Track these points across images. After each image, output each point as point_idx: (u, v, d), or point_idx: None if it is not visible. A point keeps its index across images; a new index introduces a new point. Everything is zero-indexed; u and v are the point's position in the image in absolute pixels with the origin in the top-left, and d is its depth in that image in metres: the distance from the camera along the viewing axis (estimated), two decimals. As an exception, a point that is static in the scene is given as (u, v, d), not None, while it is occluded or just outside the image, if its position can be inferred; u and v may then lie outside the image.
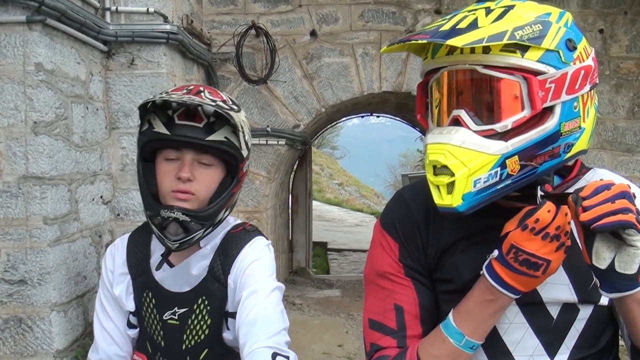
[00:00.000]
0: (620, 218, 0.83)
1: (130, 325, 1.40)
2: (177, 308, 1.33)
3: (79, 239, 3.46)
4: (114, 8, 3.91)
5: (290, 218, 8.49)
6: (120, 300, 1.38)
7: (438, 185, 0.95)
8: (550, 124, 0.93)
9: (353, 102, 5.94)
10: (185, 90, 1.30)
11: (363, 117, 8.64)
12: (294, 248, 8.33)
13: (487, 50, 0.92)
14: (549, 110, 0.93)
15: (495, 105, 0.94)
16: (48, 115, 3.10)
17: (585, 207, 0.86)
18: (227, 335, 1.33)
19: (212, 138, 1.27)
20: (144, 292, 1.36)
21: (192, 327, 1.32)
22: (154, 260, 1.37)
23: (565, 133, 0.95)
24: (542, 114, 0.93)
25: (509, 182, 0.93)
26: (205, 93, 1.29)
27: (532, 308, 1.03)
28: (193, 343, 1.32)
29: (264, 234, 1.41)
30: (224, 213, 1.34)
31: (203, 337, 1.32)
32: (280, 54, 5.55)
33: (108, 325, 1.39)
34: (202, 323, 1.31)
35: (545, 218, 0.91)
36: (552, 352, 1.04)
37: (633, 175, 5.43)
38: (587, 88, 0.96)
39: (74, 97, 3.43)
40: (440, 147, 0.94)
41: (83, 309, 3.46)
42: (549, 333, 1.03)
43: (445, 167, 0.92)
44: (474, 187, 0.92)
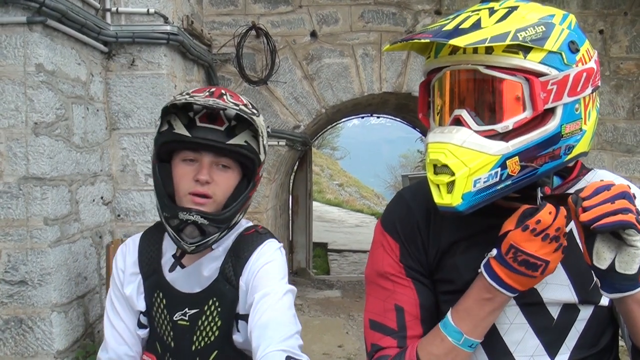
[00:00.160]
0: (620, 218, 0.84)
1: (141, 325, 1.39)
2: (187, 309, 1.32)
3: (80, 240, 3.46)
4: (115, 9, 3.91)
5: (291, 219, 8.49)
6: (131, 300, 1.38)
7: (438, 185, 0.95)
8: (552, 126, 0.93)
9: (353, 102, 5.94)
10: (208, 93, 1.28)
11: (363, 117, 8.65)
12: (294, 249, 8.34)
13: (489, 51, 0.92)
14: (551, 112, 0.93)
15: (497, 106, 0.94)
16: (49, 116, 3.10)
17: (585, 207, 0.86)
18: (237, 338, 1.32)
19: (232, 142, 1.27)
20: (155, 292, 1.35)
21: (202, 328, 1.31)
22: (165, 261, 1.37)
23: (566, 135, 0.95)
24: (543, 116, 0.93)
25: (509, 182, 0.94)
26: (227, 96, 1.29)
27: (532, 308, 1.03)
28: (203, 344, 1.31)
29: (276, 237, 1.41)
30: (239, 216, 1.34)
31: (213, 338, 1.31)
32: (281, 55, 5.55)
33: (118, 325, 1.38)
34: (212, 324, 1.31)
35: (547, 220, 0.91)
36: (552, 352, 1.03)
37: (633, 176, 5.44)
38: (589, 90, 0.96)
39: (75, 98, 3.43)
40: (441, 146, 0.94)
41: (83, 310, 3.46)
42: (550, 333, 1.03)
43: (446, 166, 0.92)
44: (474, 186, 0.92)
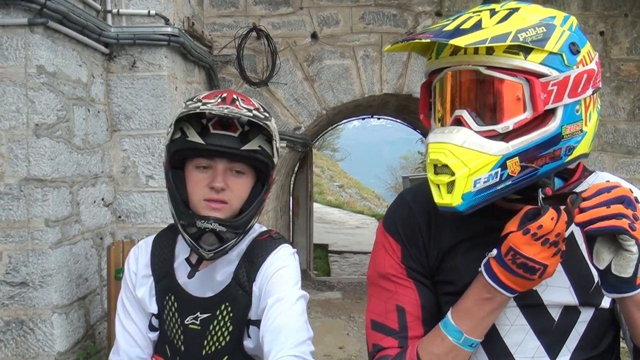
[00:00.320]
0: (612, 223, 0.84)
1: (152, 328, 1.38)
2: (199, 313, 1.31)
3: (81, 241, 3.46)
4: (116, 10, 3.92)
5: (291, 220, 8.50)
6: (144, 302, 1.37)
7: (438, 184, 0.95)
8: (552, 127, 0.93)
9: (354, 104, 5.95)
10: (220, 99, 1.27)
11: (364, 119, 8.65)
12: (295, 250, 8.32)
13: (490, 52, 0.92)
14: (551, 113, 0.93)
15: (497, 106, 0.94)
16: (50, 118, 3.11)
17: (582, 208, 0.87)
18: (247, 343, 1.31)
19: (247, 147, 1.26)
20: (167, 295, 1.34)
21: (213, 332, 1.30)
22: (178, 264, 1.36)
23: (567, 136, 0.95)
24: (544, 116, 0.93)
25: (509, 183, 0.94)
26: (240, 101, 1.28)
27: (533, 310, 1.03)
28: (213, 349, 1.30)
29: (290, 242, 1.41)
30: (255, 220, 1.34)
31: (224, 343, 1.30)
32: (281, 56, 5.56)
33: (130, 327, 1.37)
34: (223, 329, 1.30)
35: (549, 225, 0.90)
36: (553, 354, 1.03)
37: (634, 178, 5.44)
38: (589, 92, 0.96)
39: (76, 99, 3.43)
40: (442, 146, 0.94)
41: (84, 311, 3.46)
42: (550, 335, 1.03)
43: (446, 166, 0.93)
44: (474, 186, 0.92)
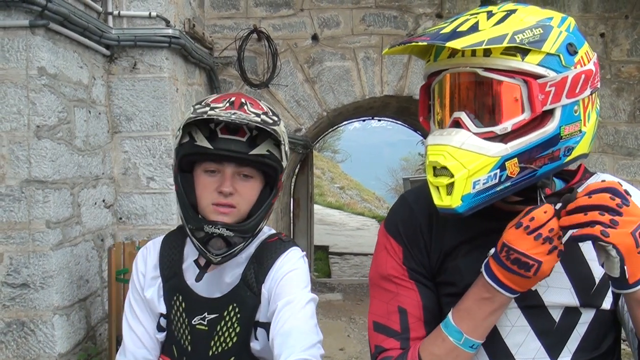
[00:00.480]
0: (586, 231, 0.86)
1: (160, 329, 1.38)
2: (206, 313, 1.31)
3: (81, 243, 3.46)
4: (117, 12, 3.93)
5: (292, 222, 8.49)
6: (152, 303, 1.37)
7: (438, 186, 0.95)
8: (550, 127, 0.93)
9: (354, 105, 5.95)
10: (228, 104, 1.27)
11: (364, 120, 8.65)
12: (296, 252, 8.30)
13: (488, 54, 0.93)
14: (549, 114, 0.94)
15: (496, 108, 0.94)
16: (51, 119, 3.11)
17: (567, 211, 0.89)
18: (254, 345, 1.31)
19: (255, 152, 1.27)
20: (174, 295, 1.34)
21: (220, 333, 1.30)
22: (187, 266, 1.36)
23: (566, 136, 0.95)
24: (542, 117, 0.94)
25: (509, 184, 0.94)
26: (248, 106, 1.28)
27: (534, 311, 1.04)
28: (220, 350, 1.30)
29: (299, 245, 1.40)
30: (263, 224, 1.34)
31: (231, 344, 1.30)
32: (282, 58, 5.57)
33: (137, 329, 1.37)
34: (230, 330, 1.30)
35: (540, 218, 0.91)
36: (554, 355, 1.03)
37: (634, 179, 5.44)
38: (587, 92, 0.97)
39: (77, 101, 3.44)
40: (440, 148, 0.95)
41: (85, 313, 3.47)
42: (551, 336, 1.03)
43: (445, 168, 0.93)
44: (473, 188, 0.92)
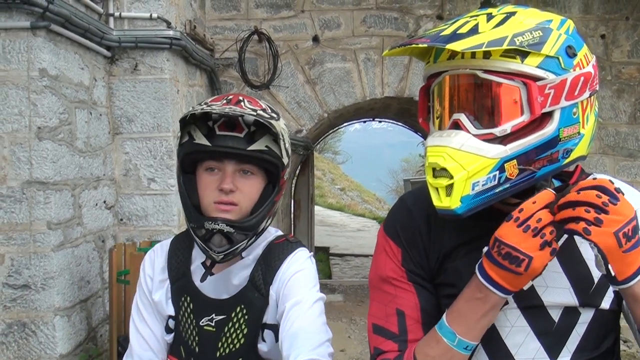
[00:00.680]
0: (570, 227, 0.88)
1: (168, 330, 1.38)
2: (214, 315, 1.31)
3: (83, 244, 3.47)
4: (118, 14, 3.94)
5: (293, 223, 8.49)
6: (160, 306, 1.37)
7: (437, 188, 0.96)
8: (549, 129, 0.94)
9: (355, 107, 5.96)
10: (225, 101, 1.29)
11: (365, 122, 8.65)
12: (296, 253, 8.29)
13: (487, 56, 0.93)
14: (548, 116, 0.94)
15: (495, 110, 0.95)
16: (52, 121, 3.12)
17: (558, 205, 0.90)
18: (262, 347, 1.31)
19: (253, 147, 1.27)
20: (182, 296, 1.35)
21: (228, 335, 1.30)
22: (195, 268, 1.36)
23: (564, 139, 0.96)
24: (541, 119, 0.94)
25: (508, 185, 0.94)
26: (245, 102, 1.29)
27: (533, 311, 1.04)
28: (227, 351, 1.31)
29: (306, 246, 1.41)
30: (267, 222, 1.34)
31: (238, 345, 1.30)
32: (283, 60, 5.57)
33: (144, 331, 1.38)
34: (238, 332, 1.30)
35: (529, 208, 0.91)
36: (553, 355, 1.04)
37: (635, 180, 5.43)
38: (586, 94, 0.97)
39: (78, 102, 3.45)
40: (440, 149, 0.95)
41: (86, 314, 3.47)
42: (551, 336, 1.04)
43: (444, 169, 0.93)
44: (472, 189, 0.93)
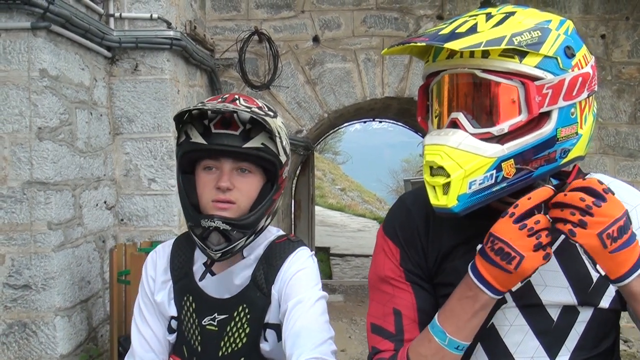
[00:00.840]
0: (559, 227, 0.89)
1: (171, 331, 1.39)
2: (216, 314, 1.32)
3: (83, 244, 3.47)
4: (118, 14, 3.94)
5: (293, 223, 8.49)
6: (163, 306, 1.38)
7: (434, 186, 0.96)
8: (547, 129, 0.94)
9: (355, 107, 5.96)
10: (220, 99, 1.30)
11: (365, 122, 8.64)
12: (297, 253, 8.29)
13: (486, 55, 0.93)
14: (546, 116, 0.94)
15: (493, 109, 0.95)
16: (52, 121, 3.13)
17: (551, 203, 0.91)
18: (264, 346, 1.32)
19: (249, 145, 1.27)
20: (185, 295, 1.35)
21: (230, 334, 1.31)
22: (197, 268, 1.37)
23: (562, 139, 0.96)
24: (539, 119, 0.94)
25: (505, 185, 0.95)
26: (240, 100, 1.29)
27: (532, 310, 1.04)
28: (230, 351, 1.31)
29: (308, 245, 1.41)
30: (265, 221, 1.33)
31: (240, 345, 1.31)
32: (283, 60, 5.58)
33: (146, 332, 1.38)
34: (240, 331, 1.31)
35: (524, 204, 0.91)
36: (552, 353, 1.04)
37: (635, 180, 5.43)
38: (584, 95, 0.97)
39: (78, 102, 3.45)
40: (437, 148, 0.95)
41: (87, 314, 3.48)
42: (550, 335, 1.04)
43: (442, 168, 0.94)
44: (469, 188, 0.93)
